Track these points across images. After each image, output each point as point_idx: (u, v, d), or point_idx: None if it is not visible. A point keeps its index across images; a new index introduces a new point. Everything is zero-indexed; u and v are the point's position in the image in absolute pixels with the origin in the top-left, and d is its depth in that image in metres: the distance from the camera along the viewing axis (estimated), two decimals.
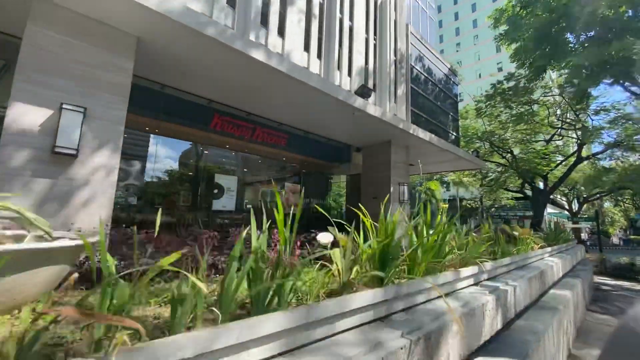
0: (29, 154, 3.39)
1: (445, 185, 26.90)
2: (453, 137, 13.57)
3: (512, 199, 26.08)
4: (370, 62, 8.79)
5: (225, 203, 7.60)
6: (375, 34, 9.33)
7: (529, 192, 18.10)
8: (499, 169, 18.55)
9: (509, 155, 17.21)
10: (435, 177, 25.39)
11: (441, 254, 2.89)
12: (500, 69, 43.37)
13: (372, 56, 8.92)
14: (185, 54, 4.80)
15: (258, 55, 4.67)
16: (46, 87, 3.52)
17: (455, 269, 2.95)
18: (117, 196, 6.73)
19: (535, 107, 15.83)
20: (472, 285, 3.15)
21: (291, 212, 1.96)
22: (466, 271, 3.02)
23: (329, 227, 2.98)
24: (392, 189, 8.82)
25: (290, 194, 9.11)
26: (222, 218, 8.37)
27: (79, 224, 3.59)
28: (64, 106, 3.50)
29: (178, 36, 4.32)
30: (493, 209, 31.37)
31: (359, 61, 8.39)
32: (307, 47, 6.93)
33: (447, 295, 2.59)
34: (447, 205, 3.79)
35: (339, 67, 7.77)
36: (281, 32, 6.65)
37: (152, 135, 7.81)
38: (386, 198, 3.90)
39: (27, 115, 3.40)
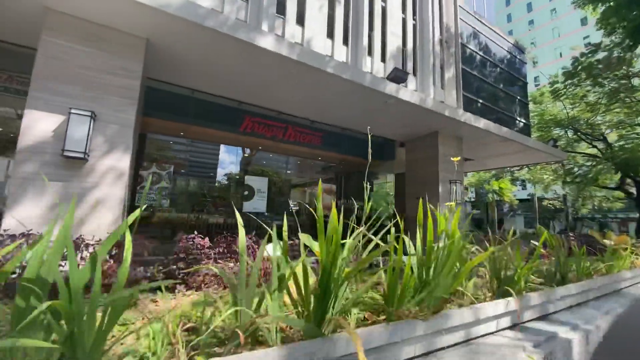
0: (42, 158, 3.52)
1: (520, 182, 23.45)
2: (521, 124, 11.48)
3: (608, 198, 21.40)
4: (408, 43, 7.76)
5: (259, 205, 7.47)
6: (414, 13, 8.27)
7: (632, 189, 14.45)
8: (589, 162, 15.23)
9: (601, 143, 13.99)
10: (505, 174, 22.29)
11: (455, 276, 2.06)
12: (588, 44, 36.40)
13: (410, 37, 7.88)
14: (196, 51, 4.67)
15: (265, 43, 4.29)
16: (57, 94, 3.64)
17: (475, 301, 2.08)
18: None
19: (636, 81, 12.55)
20: (505, 328, 2.21)
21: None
22: (493, 306, 2.10)
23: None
24: (440, 187, 7.66)
25: (323, 196, 8.58)
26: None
27: (88, 226, 3.62)
28: (72, 111, 3.57)
29: (185, 33, 4.18)
30: (587, 210, 26.23)
31: (394, 44, 7.48)
32: (330, 34, 6.37)
33: (454, 347, 1.77)
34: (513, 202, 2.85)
35: (369, 53, 7.02)
36: (300, 19, 6.23)
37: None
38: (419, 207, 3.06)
39: (41, 122, 3.54)
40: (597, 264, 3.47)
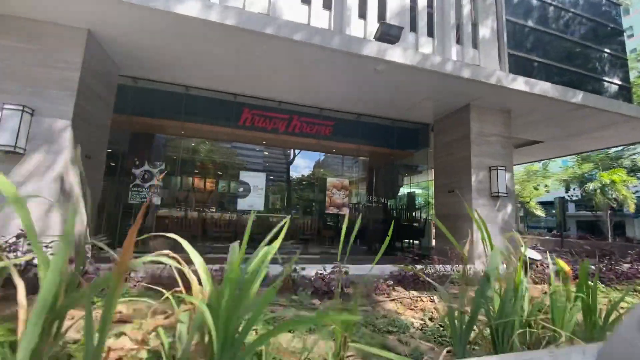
0: None
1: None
2: (616, 87, 8.21)
3: None
4: None
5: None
6: None
7: None
8: None
9: None
10: (617, 162, 16.93)
11: None
12: None
13: None
14: (141, 37, 4.42)
15: (185, 10, 3.73)
16: None
17: None
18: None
19: None
20: None
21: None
22: None
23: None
24: (474, 176, 5.86)
25: (334, 192, 7.54)
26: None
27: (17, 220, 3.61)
28: (4, 106, 3.64)
29: (122, 17, 3.95)
30: None
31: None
32: None
33: None
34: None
35: (362, 15, 5.78)
36: None
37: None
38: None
39: None
40: None
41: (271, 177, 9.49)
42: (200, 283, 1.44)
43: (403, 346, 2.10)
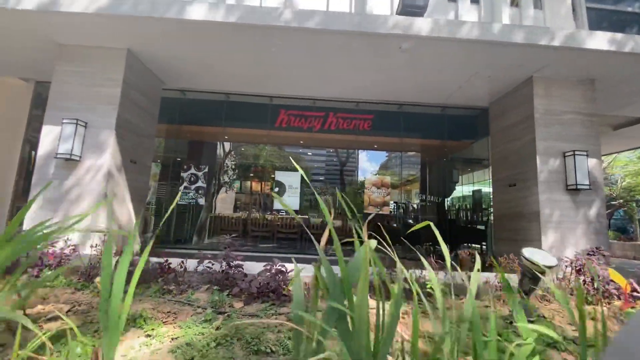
0: (49, 162, 4.40)
1: None
2: None
3: None
4: None
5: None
6: None
7: None
8: None
9: None
10: None
11: None
12: None
13: None
14: (173, 49, 4.79)
15: (196, 14, 3.87)
16: (63, 110, 4.50)
17: None
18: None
19: None
20: None
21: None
22: None
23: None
24: (539, 165, 4.71)
25: (372, 190, 6.97)
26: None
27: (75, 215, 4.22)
28: (63, 121, 4.32)
29: (152, 33, 4.36)
30: None
31: None
32: None
33: None
34: None
35: None
36: None
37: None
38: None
39: (51, 133, 4.46)
40: None
41: (320, 178, 9.42)
42: None
43: None
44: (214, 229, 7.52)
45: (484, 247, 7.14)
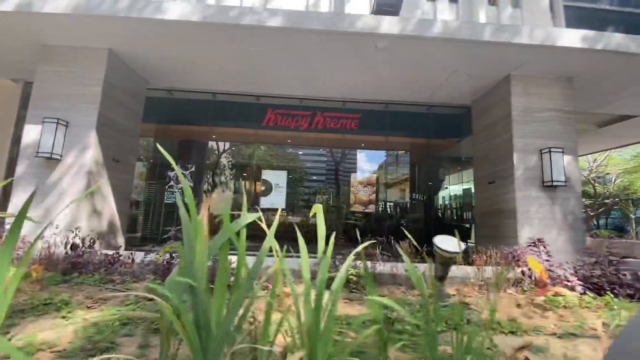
0: (30, 161, 4.46)
1: None
2: None
3: None
4: None
5: None
6: None
7: None
8: None
9: None
10: None
11: None
12: None
13: None
14: (152, 48, 4.85)
15: (171, 14, 3.93)
16: (45, 109, 4.56)
17: None
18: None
19: None
20: None
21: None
22: None
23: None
24: (516, 162, 4.76)
25: (358, 188, 7.01)
26: None
27: (56, 213, 4.28)
28: (44, 120, 4.38)
29: (131, 32, 4.43)
30: None
31: None
32: None
33: None
34: None
35: None
36: None
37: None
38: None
39: (32, 132, 4.53)
40: None
41: (309, 177, 9.44)
42: None
43: None
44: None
45: (469, 244, 7.18)
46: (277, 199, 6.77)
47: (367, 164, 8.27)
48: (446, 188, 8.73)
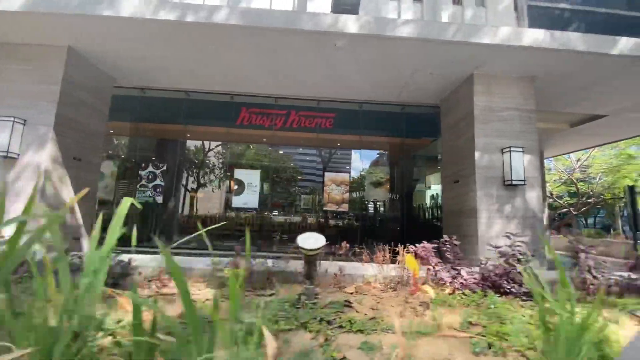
0: None
1: None
2: None
3: None
4: None
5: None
6: None
7: None
8: None
9: None
10: None
11: None
12: None
13: None
14: (122, 46, 4.81)
15: (125, 11, 3.89)
16: (3, 107, 4.51)
17: None
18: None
19: None
20: None
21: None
22: None
23: None
24: (477, 161, 4.77)
25: (332, 187, 7.01)
26: None
27: (13, 214, 4.24)
28: (0, 118, 4.33)
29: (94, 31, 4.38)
30: None
31: None
32: None
33: None
34: None
35: None
36: None
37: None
38: None
39: None
40: None
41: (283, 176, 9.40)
42: None
43: None
44: (176, 227, 7.54)
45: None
46: (249, 198, 6.75)
47: (341, 163, 8.26)
48: (429, 188, 8.74)
